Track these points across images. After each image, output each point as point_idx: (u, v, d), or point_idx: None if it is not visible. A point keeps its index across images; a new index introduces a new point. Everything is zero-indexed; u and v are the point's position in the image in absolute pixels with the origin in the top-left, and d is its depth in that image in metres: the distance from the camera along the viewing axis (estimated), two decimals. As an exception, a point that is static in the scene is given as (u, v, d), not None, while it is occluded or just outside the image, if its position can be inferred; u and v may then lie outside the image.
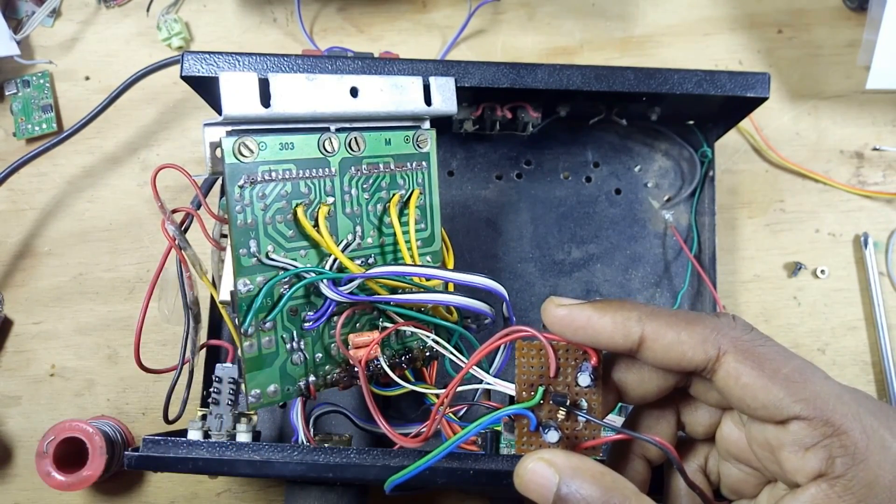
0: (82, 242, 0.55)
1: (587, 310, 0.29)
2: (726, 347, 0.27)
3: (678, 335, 0.28)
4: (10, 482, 0.52)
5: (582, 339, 0.29)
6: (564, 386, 0.30)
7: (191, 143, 0.57)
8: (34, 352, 0.54)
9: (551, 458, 0.28)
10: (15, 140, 0.56)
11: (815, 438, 0.26)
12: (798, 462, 0.27)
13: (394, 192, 0.40)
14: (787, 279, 0.56)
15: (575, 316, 0.29)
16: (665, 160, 0.55)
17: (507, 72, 0.44)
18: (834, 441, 0.26)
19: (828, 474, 0.26)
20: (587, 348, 0.30)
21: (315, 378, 0.38)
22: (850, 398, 0.27)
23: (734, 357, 0.27)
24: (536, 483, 0.28)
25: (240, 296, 0.35)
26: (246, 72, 0.41)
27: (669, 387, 0.31)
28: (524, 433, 0.31)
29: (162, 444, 0.38)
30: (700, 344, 0.27)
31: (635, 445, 0.33)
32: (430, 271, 0.37)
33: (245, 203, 0.35)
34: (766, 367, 0.27)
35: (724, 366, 0.27)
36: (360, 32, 0.59)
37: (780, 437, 0.27)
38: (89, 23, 0.59)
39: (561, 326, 0.29)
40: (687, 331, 0.28)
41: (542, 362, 0.30)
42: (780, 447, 0.27)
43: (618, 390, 0.31)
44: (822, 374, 0.27)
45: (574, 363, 0.30)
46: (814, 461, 0.26)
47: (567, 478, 0.28)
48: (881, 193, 0.57)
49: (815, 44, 0.60)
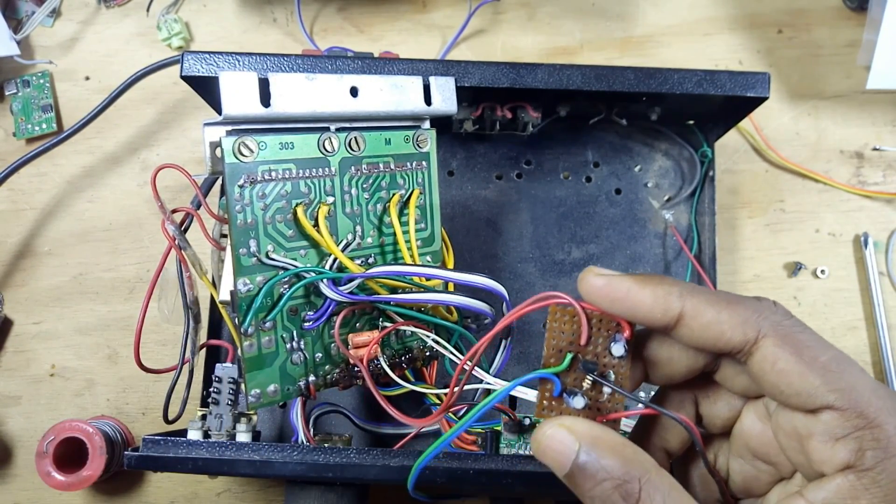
0: (82, 242, 0.55)
1: (627, 281, 0.28)
2: (766, 331, 0.27)
3: (718, 314, 0.27)
4: (10, 482, 0.52)
5: (619, 311, 0.28)
6: (594, 356, 0.30)
7: (191, 143, 0.57)
8: (34, 352, 0.54)
9: (572, 426, 0.28)
10: (15, 140, 0.56)
11: (847, 430, 0.26)
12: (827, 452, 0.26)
13: (394, 191, 0.39)
14: (787, 279, 0.56)
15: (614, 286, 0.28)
16: (665, 160, 0.55)
17: (507, 72, 0.44)
18: (866, 433, 0.25)
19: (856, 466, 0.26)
20: (621, 320, 0.29)
21: (315, 378, 0.38)
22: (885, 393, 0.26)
23: (773, 341, 0.27)
24: (555, 450, 0.28)
25: (240, 295, 0.35)
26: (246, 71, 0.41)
27: (698, 368, 0.30)
28: (546, 398, 0.30)
29: (162, 444, 0.38)
30: (740, 325, 0.27)
31: (655, 437, 0.33)
32: (430, 271, 0.37)
33: (245, 203, 0.35)
34: (805, 354, 0.26)
35: (762, 349, 0.27)
36: (360, 32, 0.59)
37: (811, 427, 0.27)
38: (89, 23, 0.59)
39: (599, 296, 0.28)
40: (728, 311, 0.27)
41: (574, 329, 0.30)
42: (810, 436, 0.27)
43: (644, 368, 0.31)
44: (858, 367, 0.27)
45: (606, 334, 0.30)
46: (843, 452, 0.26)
47: (587, 446, 0.27)
48: (881, 193, 0.57)
49: (815, 44, 0.60)
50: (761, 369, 0.27)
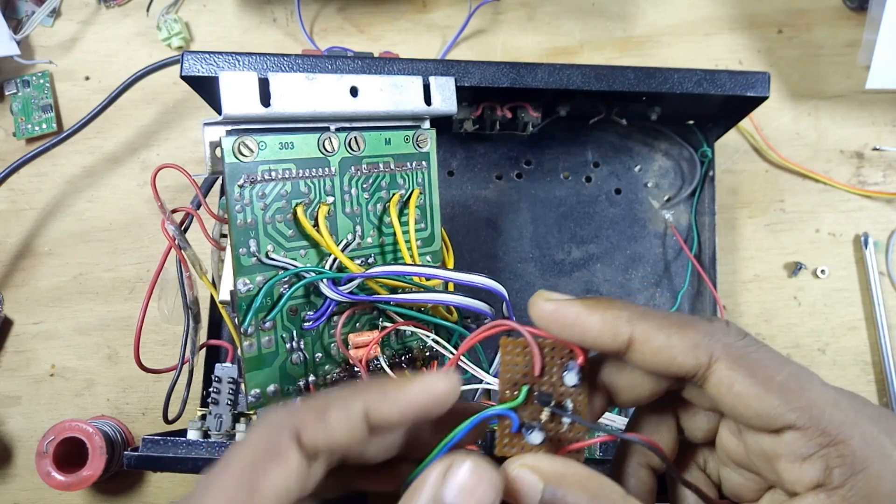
0: (82, 242, 0.55)
1: (576, 306, 0.28)
2: (719, 354, 0.26)
3: (668, 339, 0.26)
4: (10, 482, 0.52)
5: (569, 337, 0.28)
6: (549, 386, 0.29)
7: (191, 143, 0.57)
8: (34, 352, 0.54)
9: (534, 464, 0.27)
10: (15, 140, 0.56)
11: (812, 448, 0.25)
12: (795, 472, 0.26)
13: (394, 191, 0.39)
14: (788, 279, 0.56)
15: (563, 312, 0.28)
16: (665, 160, 0.55)
17: (507, 71, 0.44)
18: (831, 451, 0.25)
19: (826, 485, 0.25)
20: (574, 346, 0.28)
21: (315, 378, 0.38)
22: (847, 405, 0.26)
23: (726, 364, 0.26)
24: (519, 491, 0.27)
25: (240, 295, 0.35)
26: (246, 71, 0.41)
27: (661, 391, 0.30)
28: (506, 434, 0.29)
29: (161, 444, 0.38)
30: (691, 349, 0.26)
31: (637, 455, 0.32)
32: (430, 271, 0.37)
33: (245, 202, 0.34)
34: (760, 374, 0.26)
35: (717, 373, 0.26)
36: (360, 32, 0.59)
37: (776, 447, 0.26)
38: (89, 23, 0.59)
39: (548, 322, 0.28)
40: (678, 335, 0.26)
41: (527, 361, 0.29)
42: (777, 457, 0.26)
43: (608, 393, 0.30)
44: (818, 380, 0.26)
45: (560, 362, 0.29)
46: (811, 472, 0.25)
47: (552, 485, 0.26)
48: (881, 193, 0.57)
49: (815, 44, 0.60)
50: (718, 392, 0.26)
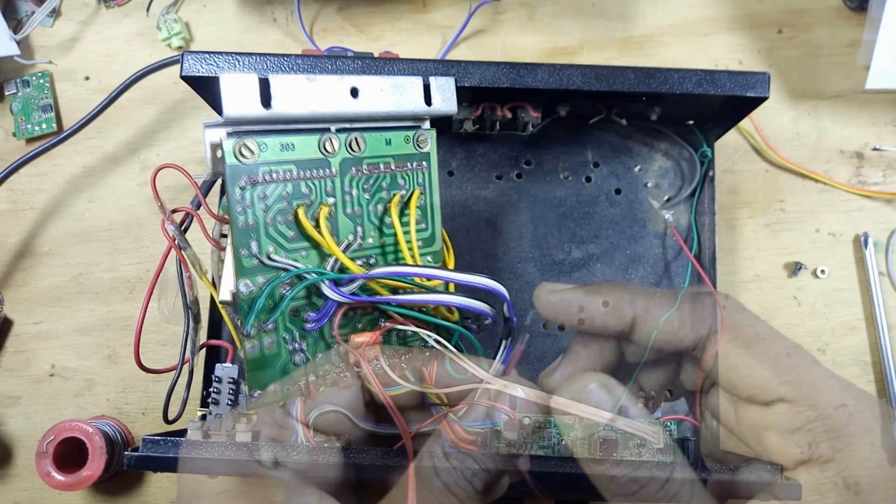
0: (82, 242, 0.55)
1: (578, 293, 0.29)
2: (717, 327, 0.27)
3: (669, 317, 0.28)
4: (10, 482, 0.52)
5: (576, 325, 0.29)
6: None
7: (191, 143, 0.57)
8: (34, 352, 0.54)
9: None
10: (15, 140, 0.56)
11: (800, 422, 0.26)
12: (781, 444, 0.26)
13: (394, 192, 0.40)
14: (787, 279, 0.56)
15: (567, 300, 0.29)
16: (665, 160, 0.55)
17: (507, 72, 0.44)
18: (818, 425, 0.26)
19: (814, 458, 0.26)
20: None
21: (315, 378, 0.38)
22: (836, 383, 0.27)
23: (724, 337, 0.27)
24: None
25: (241, 297, 0.35)
26: (246, 72, 0.41)
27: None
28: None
29: (161, 444, 0.38)
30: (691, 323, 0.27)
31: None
32: (430, 271, 0.37)
33: (246, 204, 0.35)
34: (755, 347, 0.27)
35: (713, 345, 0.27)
36: (360, 32, 0.59)
37: (766, 419, 0.27)
38: (89, 23, 0.59)
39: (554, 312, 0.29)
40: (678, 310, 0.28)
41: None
42: (766, 428, 0.27)
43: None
44: (810, 357, 0.27)
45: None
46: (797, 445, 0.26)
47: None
48: (881, 193, 0.57)
49: (815, 44, 0.60)
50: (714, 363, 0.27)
